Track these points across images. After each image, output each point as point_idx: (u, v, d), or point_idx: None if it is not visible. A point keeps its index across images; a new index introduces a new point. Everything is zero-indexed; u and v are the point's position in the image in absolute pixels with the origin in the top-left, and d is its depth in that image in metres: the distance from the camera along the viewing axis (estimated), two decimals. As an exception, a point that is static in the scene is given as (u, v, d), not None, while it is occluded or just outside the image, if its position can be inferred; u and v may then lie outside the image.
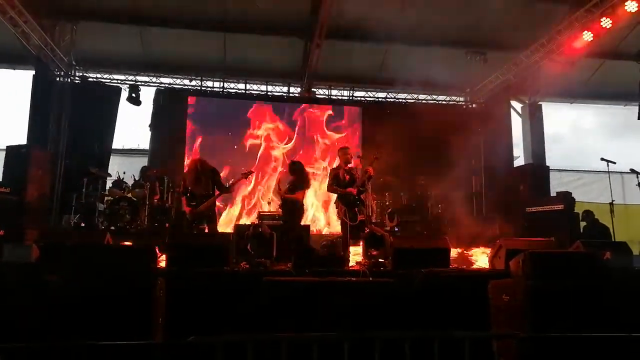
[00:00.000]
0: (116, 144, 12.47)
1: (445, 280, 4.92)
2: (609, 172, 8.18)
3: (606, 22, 9.03)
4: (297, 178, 7.73)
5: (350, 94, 13.34)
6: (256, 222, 8.01)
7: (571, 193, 9.93)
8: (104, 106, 11.89)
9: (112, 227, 8.79)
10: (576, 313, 3.80)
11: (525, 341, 3.48)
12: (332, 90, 13.30)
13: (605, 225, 8.97)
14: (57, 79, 11.70)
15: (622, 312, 3.86)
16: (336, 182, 7.34)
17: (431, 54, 11.35)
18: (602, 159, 8.19)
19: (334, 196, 7.55)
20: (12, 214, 8.47)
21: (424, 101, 13.47)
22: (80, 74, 12.13)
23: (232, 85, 12.86)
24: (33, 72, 11.12)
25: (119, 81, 12.31)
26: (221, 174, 7.99)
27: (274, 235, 6.37)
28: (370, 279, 4.60)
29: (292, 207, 7.61)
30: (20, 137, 10.90)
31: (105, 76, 12.32)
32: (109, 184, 10.27)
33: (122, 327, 3.50)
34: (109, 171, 10.90)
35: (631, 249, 5.53)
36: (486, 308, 4.31)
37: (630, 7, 8.53)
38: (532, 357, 3.41)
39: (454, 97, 13.80)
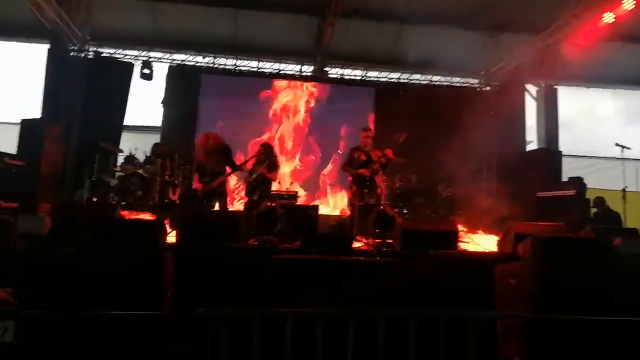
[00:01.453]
0: (128, 120, 12.52)
1: (452, 263, 4.94)
2: (622, 158, 8.09)
3: (629, 4, 8.73)
4: (273, 160, 7.58)
5: (364, 74, 13.22)
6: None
7: (583, 179, 9.83)
8: (116, 82, 11.91)
9: (123, 203, 8.89)
10: (583, 298, 3.79)
11: (529, 323, 3.49)
12: (345, 70, 13.18)
13: (617, 212, 8.89)
14: (72, 54, 11.71)
15: (630, 298, 3.85)
16: (349, 163, 7.32)
17: (446, 35, 11.16)
18: (617, 144, 8.10)
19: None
20: (26, 186, 8.59)
21: (437, 83, 13.32)
22: (94, 49, 12.12)
23: (244, 62, 12.79)
24: (48, 46, 11.16)
25: (132, 57, 12.30)
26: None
27: (284, 213, 6.40)
28: (378, 258, 4.63)
29: (267, 186, 7.55)
30: (34, 110, 10.99)
31: (118, 52, 12.31)
32: (120, 160, 10.34)
33: (131, 299, 3.56)
34: (120, 147, 10.97)
35: (642, 236, 5.49)
36: (492, 291, 4.32)
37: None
38: (535, 340, 3.42)
39: (468, 80, 13.61)
